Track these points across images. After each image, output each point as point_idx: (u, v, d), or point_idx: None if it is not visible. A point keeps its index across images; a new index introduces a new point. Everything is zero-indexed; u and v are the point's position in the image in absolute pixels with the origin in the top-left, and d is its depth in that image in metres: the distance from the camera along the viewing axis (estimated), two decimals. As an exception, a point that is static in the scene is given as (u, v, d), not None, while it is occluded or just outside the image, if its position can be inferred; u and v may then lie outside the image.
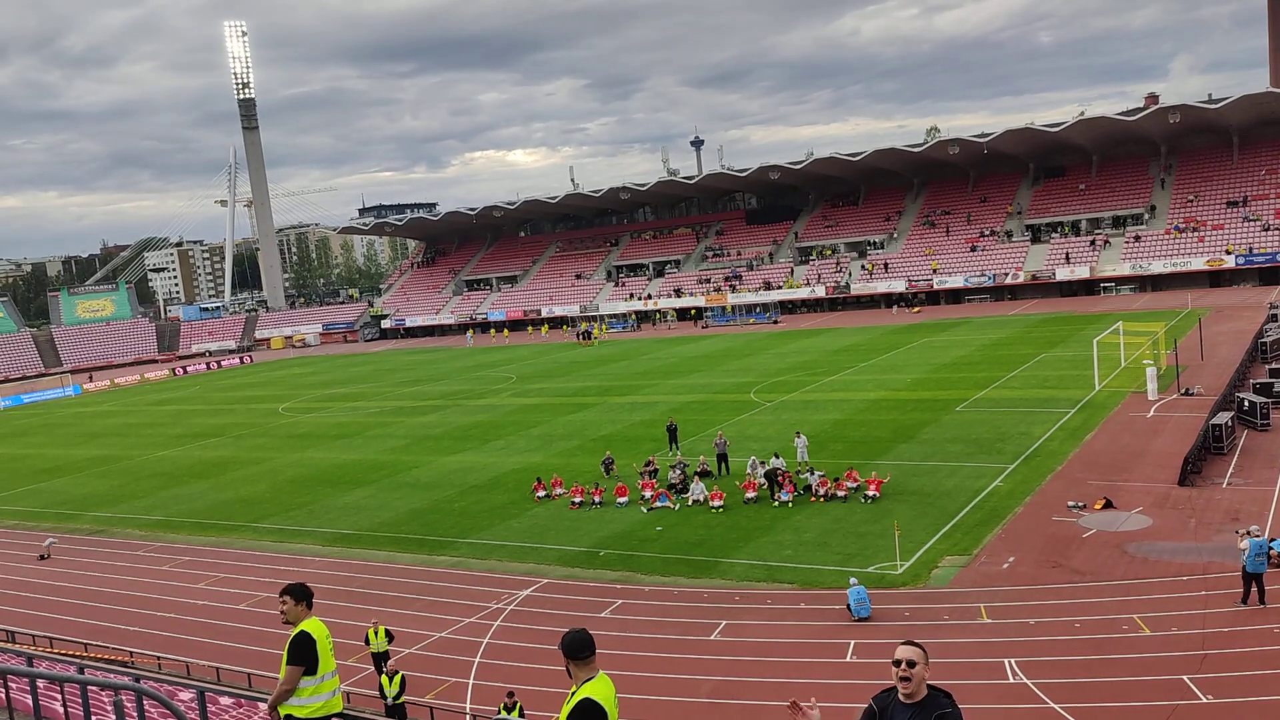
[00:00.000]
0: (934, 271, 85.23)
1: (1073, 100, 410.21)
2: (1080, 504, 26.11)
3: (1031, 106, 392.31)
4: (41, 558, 32.54)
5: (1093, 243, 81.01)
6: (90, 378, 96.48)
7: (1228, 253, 73.62)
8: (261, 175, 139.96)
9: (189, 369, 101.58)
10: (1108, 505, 25.79)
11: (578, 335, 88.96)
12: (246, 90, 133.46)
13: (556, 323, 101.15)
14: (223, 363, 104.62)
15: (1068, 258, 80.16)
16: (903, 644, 5.75)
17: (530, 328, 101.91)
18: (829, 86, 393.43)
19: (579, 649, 6.19)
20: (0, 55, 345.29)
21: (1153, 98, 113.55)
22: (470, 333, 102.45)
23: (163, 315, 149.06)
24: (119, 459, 50.44)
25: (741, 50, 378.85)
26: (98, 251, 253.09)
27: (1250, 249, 73.38)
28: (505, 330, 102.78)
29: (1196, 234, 77.10)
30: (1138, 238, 79.28)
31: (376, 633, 20.62)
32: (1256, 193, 78.73)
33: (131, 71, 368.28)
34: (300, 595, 7.94)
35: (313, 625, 7.85)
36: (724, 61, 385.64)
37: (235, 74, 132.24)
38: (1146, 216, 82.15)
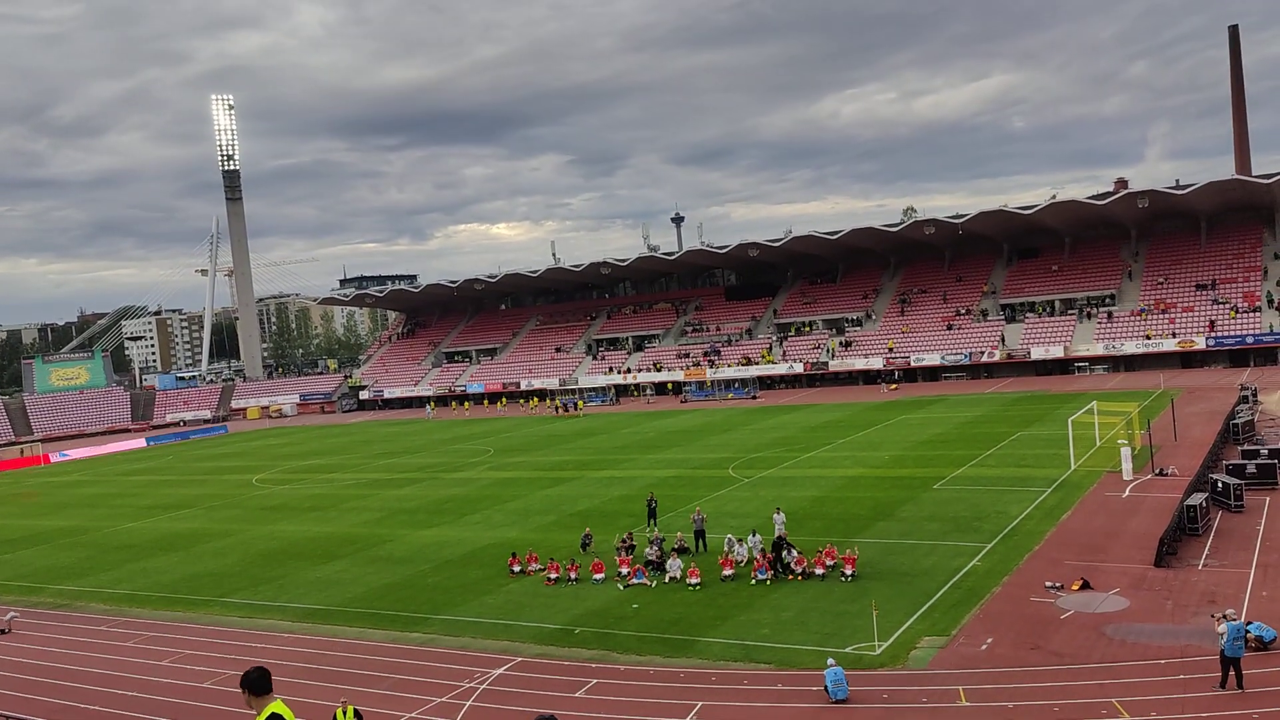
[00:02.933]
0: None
1: (1047, 183, 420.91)
2: (1058, 585, 26.03)
3: (1006, 188, 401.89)
4: (1, 632, 31.70)
5: (1081, 313, 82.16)
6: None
7: (1174, 334, 74.81)
8: (243, 245, 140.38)
9: (153, 440, 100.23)
10: (1085, 586, 25.72)
11: (557, 408, 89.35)
12: (231, 162, 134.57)
13: (515, 396, 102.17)
14: (194, 432, 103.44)
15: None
16: None
17: (486, 401, 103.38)
18: (809, 166, 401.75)
19: None
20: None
21: (1122, 182, 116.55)
22: (431, 405, 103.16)
23: (138, 384, 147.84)
24: (86, 530, 49.50)
25: (724, 130, 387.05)
26: (75, 319, 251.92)
27: (1221, 332, 74.62)
28: (466, 404, 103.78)
29: (1167, 316, 78.39)
30: (1110, 316, 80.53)
31: (345, 712, 20.10)
32: (1224, 276, 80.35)
33: (120, 141, 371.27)
34: (256, 687, 7.67)
35: (280, 708, 7.63)
36: (707, 140, 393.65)
37: (220, 146, 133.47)
38: (1117, 298, 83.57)
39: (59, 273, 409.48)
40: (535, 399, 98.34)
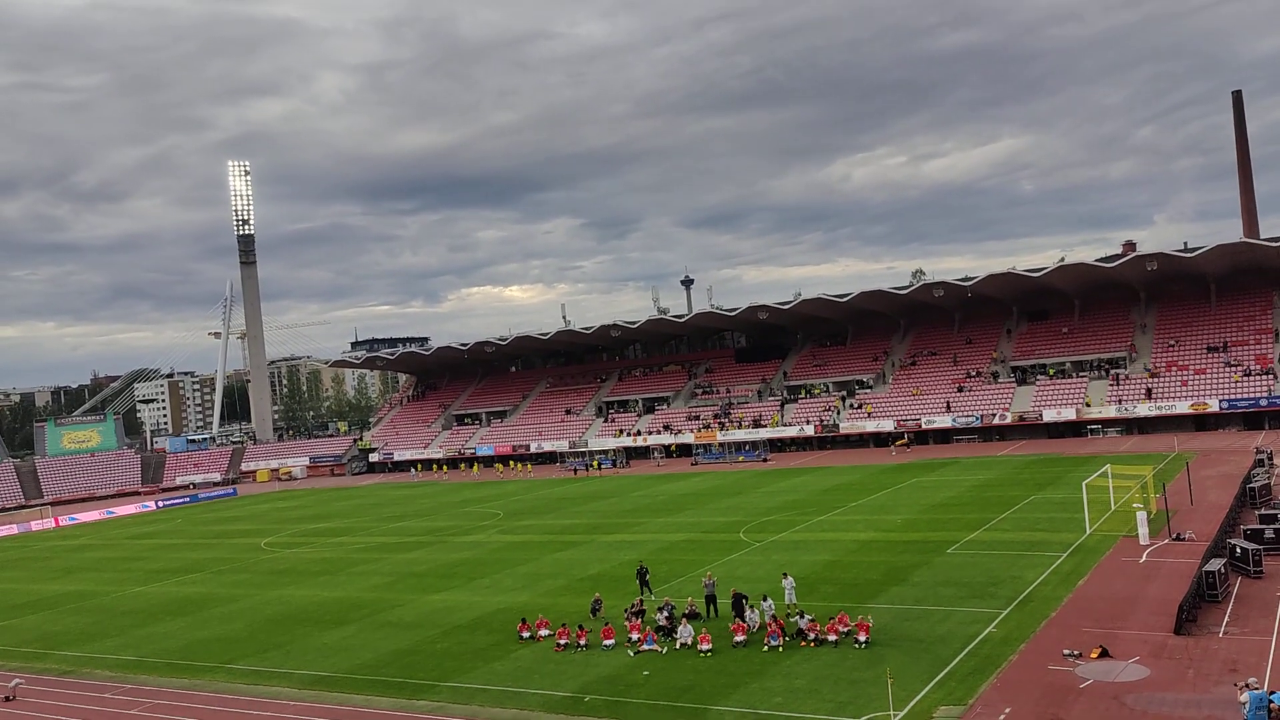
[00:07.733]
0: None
1: (1056, 245, 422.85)
2: (1076, 652, 25.57)
3: (1015, 250, 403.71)
4: (6, 699, 31.38)
5: (1098, 370, 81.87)
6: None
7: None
8: (256, 309, 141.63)
9: (163, 503, 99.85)
10: (1104, 654, 25.27)
11: (573, 469, 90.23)
12: (246, 226, 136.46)
13: (489, 462, 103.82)
14: (203, 495, 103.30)
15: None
16: None
17: (463, 465, 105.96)
18: (820, 229, 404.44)
19: None
20: (12, 190, 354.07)
21: (1130, 245, 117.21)
22: (416, 468, 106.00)
23: (149, 446, 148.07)
24: (93, 595, 49.22)
25: (736, 193, 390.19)
26: (88, 382, 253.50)
27: (1233, 394, 74.24)
28: (444, 467, 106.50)
29: (1179, 378, 78.08)
30: (1122, 380, 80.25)
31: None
32: (1236, 338, 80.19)
33: (140, 206, 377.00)
34: None
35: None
36: (719, 204, 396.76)
37: (236, 210, 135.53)
38: (1128, 360, 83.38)
39: (75, 335, 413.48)
40: (509, 463, 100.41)
